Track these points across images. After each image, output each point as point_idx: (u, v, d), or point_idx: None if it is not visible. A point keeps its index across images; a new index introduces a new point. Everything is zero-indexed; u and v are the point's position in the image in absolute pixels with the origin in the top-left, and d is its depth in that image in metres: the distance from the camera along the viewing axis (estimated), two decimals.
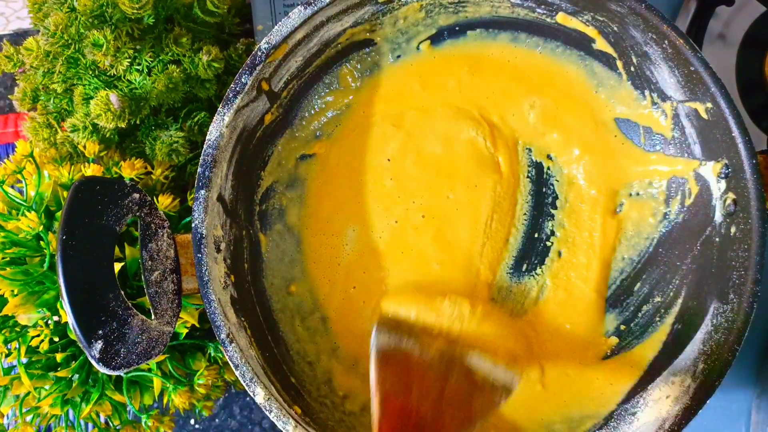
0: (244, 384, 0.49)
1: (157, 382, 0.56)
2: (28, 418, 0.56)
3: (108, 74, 0.58)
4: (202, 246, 0.50)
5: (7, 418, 0.58)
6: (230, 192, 0.55)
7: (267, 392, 0.49)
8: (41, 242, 0.55)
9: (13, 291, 0.54)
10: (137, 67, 0.58)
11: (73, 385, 0.55)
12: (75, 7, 0.55)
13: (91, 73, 0.58)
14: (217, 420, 0.72)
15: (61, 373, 0.55)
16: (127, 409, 0.58)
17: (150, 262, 0.50)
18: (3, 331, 0.55)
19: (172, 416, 0.59)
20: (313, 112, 0.60)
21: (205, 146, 0.51)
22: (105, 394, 0.56)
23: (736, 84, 0.65)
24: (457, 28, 0.59)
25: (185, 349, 0.60)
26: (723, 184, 0.50)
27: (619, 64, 0.56)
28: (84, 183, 0.48)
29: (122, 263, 0.54)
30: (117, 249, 0.50)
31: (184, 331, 0.57)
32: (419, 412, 0.48)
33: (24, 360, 0.55)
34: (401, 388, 0.48)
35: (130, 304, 0.48)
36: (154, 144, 0.59)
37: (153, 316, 0.49)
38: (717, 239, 0.51)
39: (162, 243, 0.50)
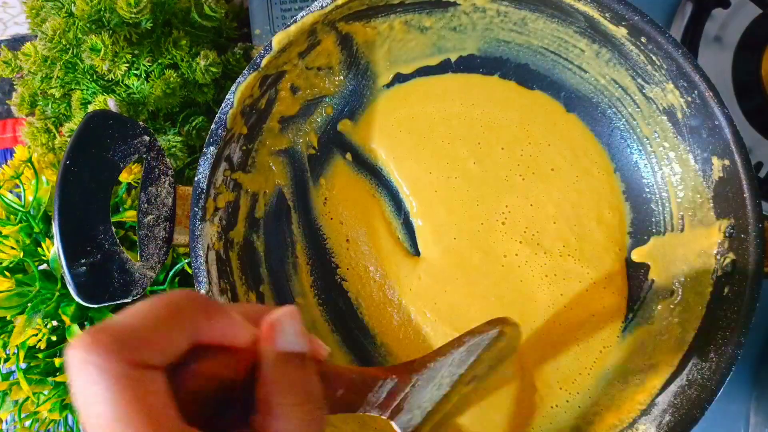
0: None
1: None
2: (27, 423, 0.56)
3: (106, 79, 0.58)
4: (200, 200, 0.50)
5: (6, 423, 0.58)
6: (239, 155, 0.54)
7: None
8: (39, 248, 0.55)
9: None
10: (135, 72, 0.58)
11: None
12: (73, 12, 0.55)
13: (89, 77, 0.58)
14: None
15: (60, 378, 0.55)
16: None
17: (146, 205, 0.50)
18: (2, 336, 0.55)
19: None
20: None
21: (222, 104, 0.51)
22: None
23: (732, 86, 0.65)
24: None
25: None
26: (726, 243, 0.50)
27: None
28: (98, 115, 0.49)
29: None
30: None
31: None
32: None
33: (23, 365, 0.55)
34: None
35: (117, 240, 0.48)
36: None
37: (139, 258, 0.49)
38: (709, 296, 0.51)
39: (162, 189, 0.51)
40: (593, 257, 0.57)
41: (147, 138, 0.50)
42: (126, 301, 0.48)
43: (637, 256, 0.57)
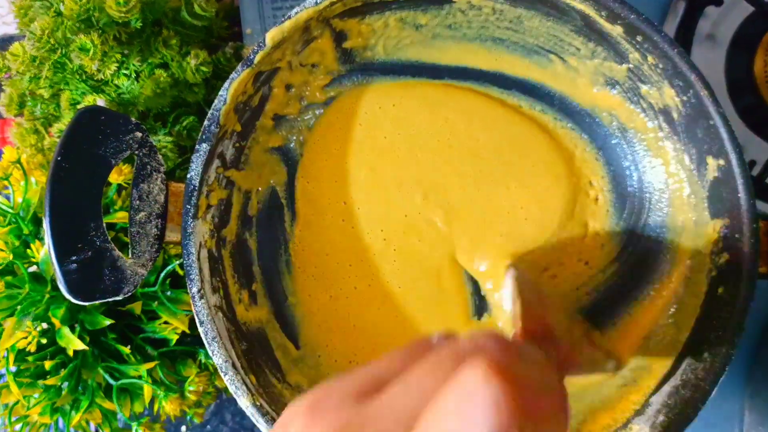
0: (205, 342, 0.49)
1: (147, 389, 0.55)
2: (17, 427, 0.56)
3: (95, 79, 0.57)
4: (192, 197, 0.50)
5: None
6: (232, 152, 0.54)
7: (226, 355, 0.49)
8: (28, 250, 0.55)
9: None
10: (125, 72, 0.57)
11: (63, 393, 0.55)
12: (61, 11, 0.55)
13: (78, 78, 0.58)
14: (208, 426, 0.71)
15: (51, 381, 0.54)
16: (118, 416, 0.58)
17: (138, 202, 0.49)
18: None
19: (162, 423, 0.58)
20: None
21: (215, 101, 0.50)
22: (95, 401, 0.56)
23: (725, 84, 0.65)
24: None
25: (176, 356, 0.60)
26: (720, 243, 0.50)
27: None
28: (90, 110, 0.48)
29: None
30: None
31: (175, 337, 0.57)
32: (551, 327, 0.47)
33: (12, 368, 0.55)
34: (536, 304, 0.48)
35: (109, 237, 0.48)
36: None
37: (130, 255, 0.49)
38: (703, 296, 0.51)
39: (154, 186, 0.50)
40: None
41: (139, 134, 0.50)
42: (117, 298, 0.48)
43: None
